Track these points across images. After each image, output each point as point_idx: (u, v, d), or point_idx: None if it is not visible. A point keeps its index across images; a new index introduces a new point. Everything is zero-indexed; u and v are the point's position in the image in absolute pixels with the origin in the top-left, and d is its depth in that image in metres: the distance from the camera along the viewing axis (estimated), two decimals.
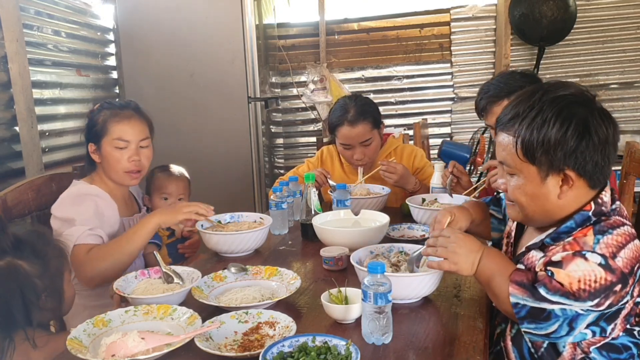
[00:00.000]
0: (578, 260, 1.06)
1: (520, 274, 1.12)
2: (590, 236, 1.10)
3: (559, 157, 1.10)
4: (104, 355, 1.08)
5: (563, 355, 1.16)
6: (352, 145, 2.27)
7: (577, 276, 1.05)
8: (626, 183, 1.76)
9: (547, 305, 1.07)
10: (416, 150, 2.48)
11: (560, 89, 1.15)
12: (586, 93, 1.15)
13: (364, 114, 2.24)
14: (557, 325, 1.08)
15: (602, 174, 1.14)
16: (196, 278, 1.42)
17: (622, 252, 1.07)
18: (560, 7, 3.79)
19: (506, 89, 1.86)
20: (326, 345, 1.04)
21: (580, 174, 1.12)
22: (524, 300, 1.09)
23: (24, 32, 2.45)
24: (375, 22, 4.18)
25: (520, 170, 1.16)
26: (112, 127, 1.76)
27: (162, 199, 2.09)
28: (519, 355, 1.23)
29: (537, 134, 1.11)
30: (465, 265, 1.19)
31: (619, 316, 1.13)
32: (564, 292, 1.05)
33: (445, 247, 1.21)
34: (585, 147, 1.10)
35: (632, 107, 4.00)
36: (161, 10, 3.28)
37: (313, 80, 4.15)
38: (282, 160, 4.42)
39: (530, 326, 1.10)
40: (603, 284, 1.04)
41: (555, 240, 1.17)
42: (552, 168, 1.12)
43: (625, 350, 1.15)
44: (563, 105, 1.11)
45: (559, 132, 1.09)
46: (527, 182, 1.17)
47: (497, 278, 1.15)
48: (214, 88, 3.29)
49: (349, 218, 1.82)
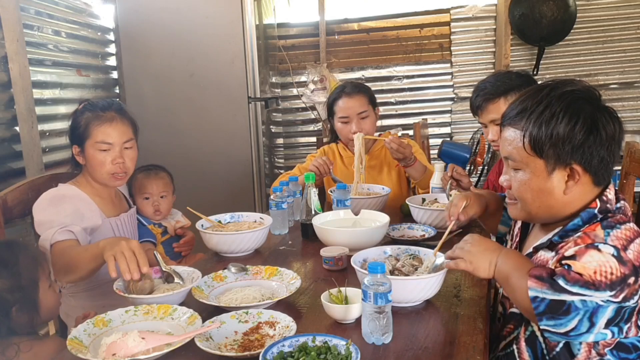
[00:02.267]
0: (592, 251, 1.06)
1: (539, 269, 1.11)
2: (600, 230, 1.10)
3: (567, 150, 1.12)
4: (104, 355, 1.08)
5: (578, 358, 1.15)
6: (350, 118, 2.36)
7: (592, 267, 1.04)
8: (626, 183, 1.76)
9: (567, 297, 1.04)
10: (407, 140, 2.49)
11: (568, 85, 1.17)
12: (592, 90, 1.16)
13: (359, 88, 2.44)
14: (577, 320, 1.04)
15: (607, 170, 1.15)
16: (196, 278, 1.42)
17: (632, 246, 1.07)
18: (560, 7, 3.79)
19: (502, 88, 1.86)
20: (326, 345, 1.04)
21: (586, 169, 1.13)
22: (543, 293, 1.06)
23: (24, 32, 2.44)
24: (375, 22, 4.18)
25: (526, 164, 1.17)
26: (95, 130, 1.75)
27: (144, 199, 2.09)
28: (533, 355, 1.22)
29: (546, 128, 1.12)
30: (482, 264, 1.18)
31: (634, 315, 1.11)
32: (583, 282, 1.03)
33: (462, 247, 1.22)
34: (593, 142, 1.11)
35: (632, 107, 4.00)
36: (161, 10, 3.28)
37: (313, 80, 4.15)
38: (282, 160, 4.42)
39: (549, 323, 1.06)
40: (619, 275, 1.03)
41: (563, 238, 1.17)
42: (559, 162, 1.14)
43: (635, 350, 1.15)
44: (571, 100, 1.13)
45: (567, 126, 1.11)
46: (532, 177, 1.18)
47: (515, 274, 1.13)
48: (214, 88, 3.29)
49: (349, 218, 1.83)
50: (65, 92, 2.86)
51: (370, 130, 2.39)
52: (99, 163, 1.76)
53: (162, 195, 2.11)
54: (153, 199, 2.09)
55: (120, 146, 1.78)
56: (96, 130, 1.75)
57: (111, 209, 1.87)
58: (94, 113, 1.77)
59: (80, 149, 1.79)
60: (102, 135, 1.75)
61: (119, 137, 1.77)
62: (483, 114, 1.92)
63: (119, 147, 1.77)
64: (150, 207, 2.09)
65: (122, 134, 1.78)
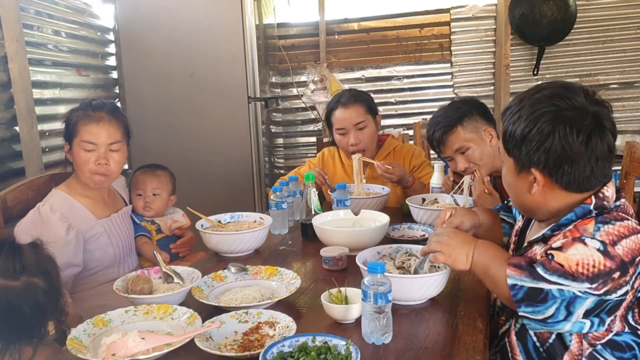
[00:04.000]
0: (578, 245, 1.07)
1: (518, 258, 1.14)
2: (591, 225, 1.11)
3: (525, 154, 1.15)
4: (104, 355, 1.08)
5: (571, 350, 1.16)
6: (347, 130, 2.30)
7: (575, 259, 1.05)
8: (626, 183, 1.76)
9: (544, 285, 1.06)
10: (414, 149, 2.48)
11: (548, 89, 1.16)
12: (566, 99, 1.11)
13: (356, 97, 2.33)
14: (554, 308, 1.07)
15: (576, 180, 1.13)
16: (196, 278, 1.42)
17: (624, 242, 1.07)
18: (560, 7, 3.79)
19: (455, 116, 1.91)
20: (326, 345, 1.04)
21: (547, 175, 1.14)
22: (522, 280, 1.09)
23: (24, 32, 2.44)
24: (375, 22, 4.18)
25: (506, 159, 1.23)
26: (81, 128, 1.75)
27: (137, 195, 2.09)
28: (523, 350, 1.23)
29: (512, 128, 1.17)
30: (460, 256, 1.21)
31: (619, 308, 1.12)
32: (562, 272, 1.05)
33: (439, 241, 1.24)
34: (547, 149, 1.11)
35: (632, 107, 3.99)
36: (161, 10, 3.28)
37: (313, 80, 4.15)
38: (282, 160, 4.42)
39: (527, 309, 1.10)
40: (602, 269, 1.04)
41: (555, 232, 1.18)
42: (522, 164, 1.17)
43: (629, 350, 1.15)
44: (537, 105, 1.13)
45: (525, 129, 1.13)
46: (507, 172, 1.24)
47: (493, 265, 1.16)
48: (214, 88, 3.29)
49: (349, 218, 1.83)
50: (65, 92, 2.86)
51: (368, 141, 2.33)
52: (83, 162, 1.76)
53: (155, 192, 2.09)
54: (145, 195, 2.08)
55: (105, 147, 1.77)
56: (83, 129, 1.75)
57: (103, 209, 1.87)
58: (84, 112, 1.77)
59: (69, 147, 1.79)
60: (88, 135, 1.74)
61: (105, 138, 1.76)
62: (446, 147, 1.94)
63: (104, 148, 1.76)
64: (141, 203, 2.08)
65: (108, 135, 1.77)
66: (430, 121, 1.99)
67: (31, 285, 1.14)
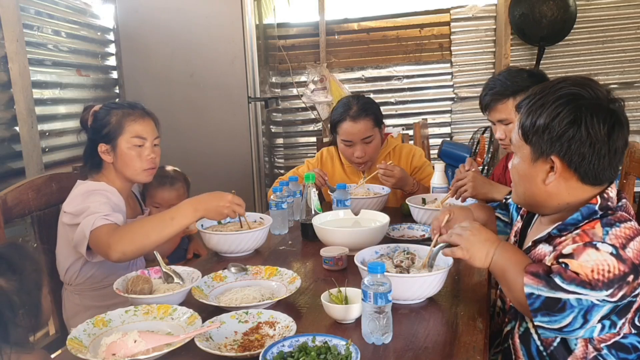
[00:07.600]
0: (589, 250, 1.06)
1: (536, 266, 1.12)
2: (599, 228, 1.10)
3: (546, 141, 1.15)
4: (104, 355, 1.08)
5: (575, 353, 1.15)
6: (354, 142, 2.27)
7: (589, 266, 1.04)
8: (626, 183, 1.76)
9: (562, 295, 1.05)
10: (414, 150, 2.47)
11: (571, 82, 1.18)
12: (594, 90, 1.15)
13: (366, 111, 2.26)
14: (571, 317, 1.06)
15: (593, 170, 1.14)
16: (196, 278, 1.42)
17: (632, 244, 1.07)
18: (560, 7, 3.79)
19: (512, 88, 1.82)
20: (326, 345, 1.04)
21: (566, 164, 1.14)
22: (539, 290, 1.07)
23: (24, 32, 2.45)
24: (375, 22, 4.18)
25: (519, 148, 1.23)
26: (129, 125, 1.77)
27: (155, 207, 2.11)
28: (526, 353, 1.22)
29: (532, 117, 1.17)
30: (479, 254, 1.19)
31: (630, 310, 1.12)
32: (580, 281, 1.04)
33: (460, 234, 1.22)
34: (572, 136, 1.12)
35: (632, 107, 4.00)
36: (161, 10, 3.28)
37: (313, 80, 4.15)
38: (282, 160, 4.42)
39: (543, 319, 1.08)
40: (617, 274, 1.03)
41: (561, 232, 1.17)
42: (541, 151, 1.17)
43: (635, 351, 1.15)
44: (561, 95, 1.15)
45: (548, 117, 1.14)
46: (521, 162, 1.23)
47: (511, 270, 1.14)
48: (214, 88, 3.29)
49: (349, 218, 1.82)
50: (65, 92, 2.86)
51: (374, 153, 2.32)
52: (133, 158, 1.77)
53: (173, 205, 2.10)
54: (162, 209, 2.07)
55: (151, 142, 1.81)
56: (130, 126, 1.77)
57: (128, 211, 1.87)
58: (124, 110, 1.79)
59: (108, 147, 1.78)
60: (137, 131, 1.77)
61: (150, 133, 1.81)
62: (491, 112, 1.89)
63: (150, 142, 1.80)
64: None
65: (152, 131, 1.82)
66: (488, 81, 1.92)
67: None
